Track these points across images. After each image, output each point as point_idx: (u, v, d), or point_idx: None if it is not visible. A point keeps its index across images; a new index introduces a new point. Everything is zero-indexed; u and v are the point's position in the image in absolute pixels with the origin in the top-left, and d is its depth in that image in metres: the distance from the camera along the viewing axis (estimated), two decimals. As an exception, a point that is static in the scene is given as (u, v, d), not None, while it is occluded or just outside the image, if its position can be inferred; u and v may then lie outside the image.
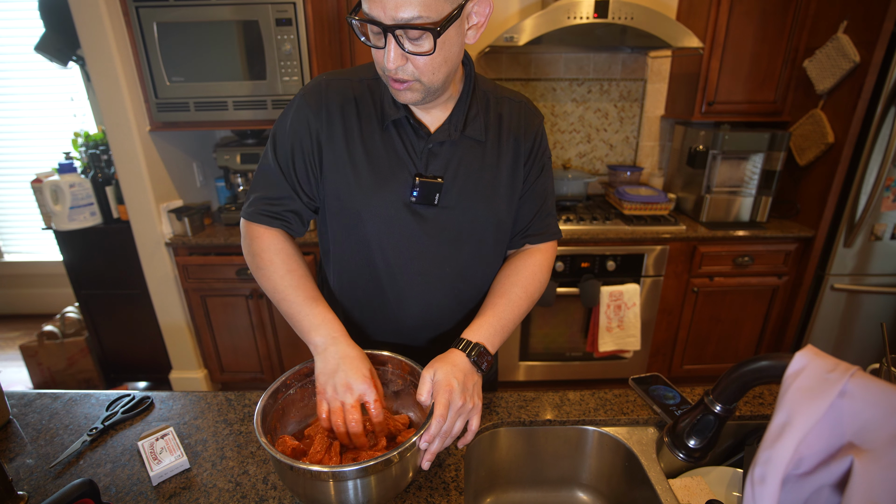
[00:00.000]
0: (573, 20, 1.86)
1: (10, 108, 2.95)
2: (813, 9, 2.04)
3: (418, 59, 0.68)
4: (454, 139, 0.83)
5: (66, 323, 2.44)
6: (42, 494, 0.72)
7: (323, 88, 0.83)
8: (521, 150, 0.88)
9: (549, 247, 0.96)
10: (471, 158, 0.85)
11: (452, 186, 0.84)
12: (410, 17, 0.63)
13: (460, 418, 0.71)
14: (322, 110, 0.82)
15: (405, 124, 0.82)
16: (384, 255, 0.86)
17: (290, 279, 0.81)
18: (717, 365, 2.39)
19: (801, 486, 0.48)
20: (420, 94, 0.74)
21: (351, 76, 0.85)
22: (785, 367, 0.48)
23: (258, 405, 0.70)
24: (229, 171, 2.25)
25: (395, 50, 0.67)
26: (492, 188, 0.87)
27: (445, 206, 0.84)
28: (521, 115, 0.89)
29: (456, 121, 0.83)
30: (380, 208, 0.83)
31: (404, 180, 0.82)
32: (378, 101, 0.83)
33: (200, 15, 1.78)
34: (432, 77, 0.72)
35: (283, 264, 0.82)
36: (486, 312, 0.83)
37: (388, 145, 0.82)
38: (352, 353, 0.73)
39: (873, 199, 1.94)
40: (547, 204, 0.95)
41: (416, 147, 0.83)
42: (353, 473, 0.60)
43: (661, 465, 0.82)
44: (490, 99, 0.87)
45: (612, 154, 2.66)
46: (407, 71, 0.70)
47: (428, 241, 0.85)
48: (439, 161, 0.83)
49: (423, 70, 0.70)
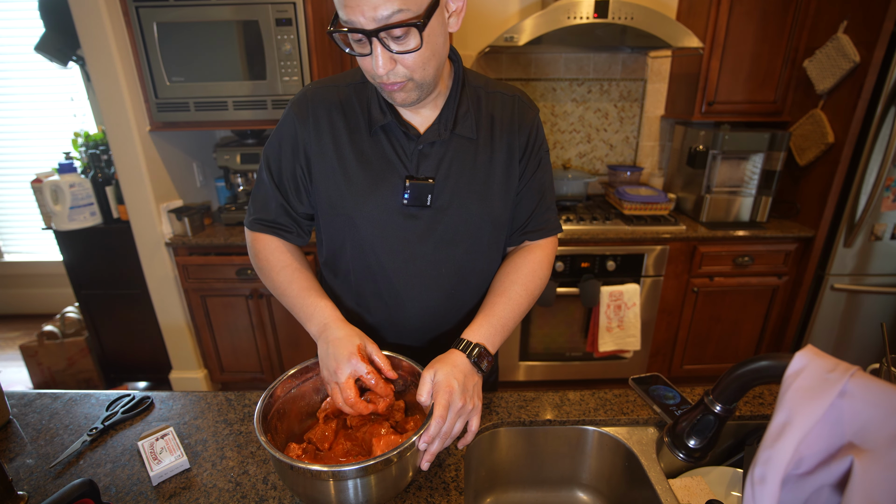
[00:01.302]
0: (573, 20, 1.86)
1: (10, 108, 2.96)
2: (813, 9, 2.04)
3: (406, 57, 0.68)
4: (444, 138, 0.82)
5: (66, 323, 2.44)
6: (42, 494, 0.72)
7: (309, 98, 0.84)
8: (515, 145, 0.87)
9: (549, 242, 0.95)
10: (463, 157, 0.84)
11: (445, 186, 0.83)
12: (391, 14, 0.62)
13: (460, 419, 0.71)
14: (308, 119, 0.83)
15: (394, 127, 0.82)
16: (379, 258, 0.85)
17: (286, 274, 0.85)
18: (717, 365, 2.39)
19: (801, 486, 0.48)
20: (415, 92, 0.74)
21: (338, 82, 0.85)
22: (785, 367, 0.48)
23: (258, 405, 0.70)
24: (229, 171, 2.25)
25: (382, 54, 0.66)
26: (485, 186, 0.85)
27: (438, 206, 0.84)
28: (514, 110, 0.87)
29: (445, 119, 0.82)
30: (372, 213, 0.83)
31: (395, 183, 0.82)
32: (365, 105, 0.83)
33: (200, 15, 1.78)
34: (423, 73, 0.71)
35: (279, 261, 0.87)
36: (485, 311, 0.83)
37: (377, 149, 0.82)
38: (338, 335, 0.75)
39: (873, 199, 1.94)
40: (546, 199, 0.93)
41: (405, 149, 0.82)
42: (352, 473, 0.60)
43: (661, 465, 0.82)
44: (481, 94, 0.86)
45: (612, 154, 2.66)
46: (398, 73, 0.69)
47: (423, 243, 0.85)
48: (430, 161, 0.82)
49: (413, 68, 0.69)
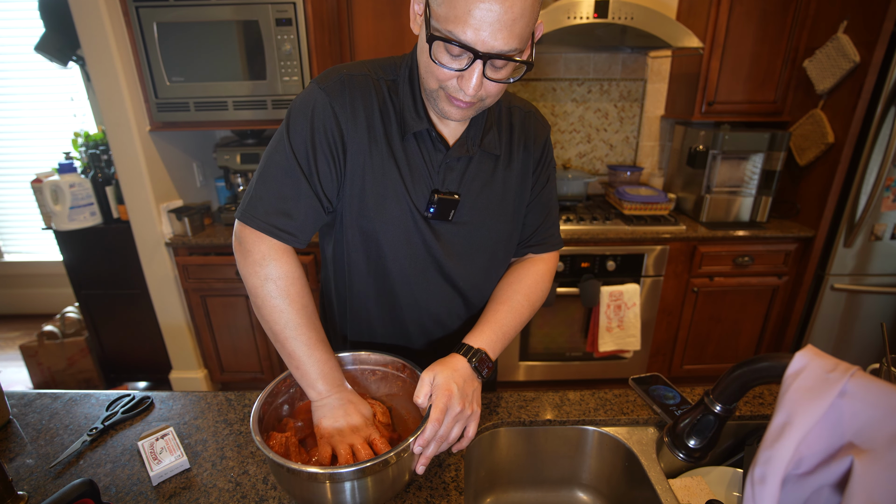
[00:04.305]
0: (573, 20, 1.86)
1: (10, 108, 2.95)
2: (813, 9, 2.04)
3: (493, 85, 0.68)
4: (472, 154, 0.82)
5: (66, 323, 2.44)
6: (42, 494, 0.72)
7: (346, 81, 0.76)
8: (530, 161, 0.88)
9: (551, 257, 0.96)
10: (484, 172, 0.84)
11: (465, 202, 0.83)
12: (509, 49, 0.62)
13: (458, 424, 0.70)
14: (346, 104, 0.75)
15: (426, 136, 0.79)
16: (398, 264, 0.84)
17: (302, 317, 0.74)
18: (717, 365, 2.39)
19: (801, 486, 0.48)
20: (476, 111, 0.73)
21: (370, 73, 0.78)
22: (785, 367, 0.48)
23: (254, 407, 0.69)
24: (229, 171, 2.25)
25: (479, 77, 0.65)
26: (503, 202, 0.86)
27: (459, 221, 0.84)
28: (530, 126, 0.88)
29: (474, 135, 0.82)
30: (396, 219, 0.80)
31: (422, 194, 0.80)
32: (398, 107, 0.78)
33: (200, 15, 1.78)
34: (495, 99, 0.71)
35: (299, 298, 0.74)
36: (488, 318, 0.83)
37: (408, 156, 0.79)
38: (354, 399, 0.75)
39: (873, 199, 1.94)
40: (551, 215, 0.94)
41: (433, 160, 0.81)
42: (349, 475, 0.59)
43: (661, 465, 0.82)
44: (502, 109, 0.86)
45: (612, 154, 2.66)
46: (478, 94, 0.68)
47: (441, 255, 0.84)
48: (455, 175, 0.82)
49: (492, 94, 0.69)
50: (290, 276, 0.74)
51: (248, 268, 0.75)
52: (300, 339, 0.73)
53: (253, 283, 0.74)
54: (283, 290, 0.73)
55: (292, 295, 0.74)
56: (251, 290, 0.75)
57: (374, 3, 2.03)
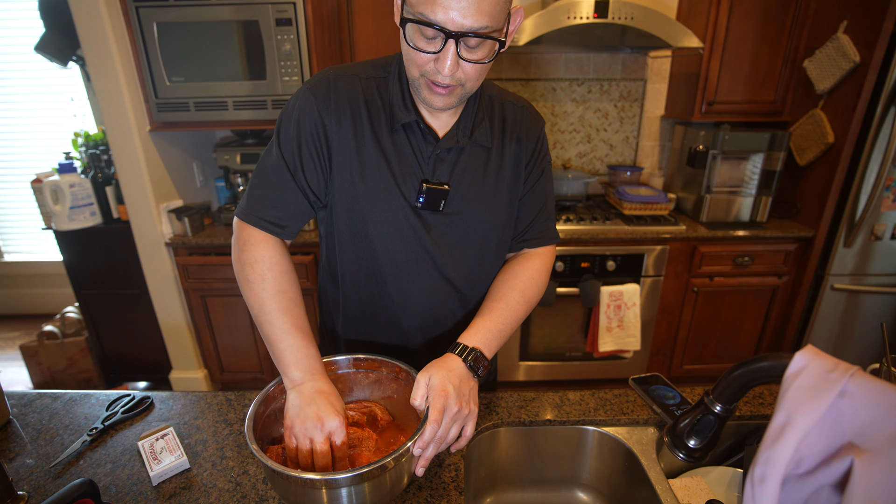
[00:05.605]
0: (573, 20, 1.86)
1: (10, 108, 2.95)
2: (813, 9, 2.04)
3: (470, 66, 0.68)
4: (462, 145, 0.82)
5: (66, 323, 2.44)
6: (42, 494, 0.72)
7: (332, 82, 0.79)
8: (522, 154, 0.88)
9: (547, 251, 0.96)
10: (476, 164, 0.85)
11: (457, 192, 0.84)
12: (480, 27, 0.63)
13: (455, 424, 0.70)
14: (331, 105, 0.78)
15: (415, 128, 0.81)
16: (389, 257, 0.85)
17: (279, 301, 0.75)
18: (717, 365, 2.39)
19: (801, 486, 0.48)
20: (458, 98, 0.74)
21: (358, 72, 0.81)
22: (785, 367, 0.48)
23: (248, 412, 0.68)
24: (229, 171, 2.25)
25: (452, 57, 0.66)
26: (495, 193, 0.86)
27: (449, 212, 0.84)
28: (523, 120, 0.89)
29: (464, 126, 0.82)
30: (386, 212, 0.81)
31: (412, 185, 0.82)
32: (387, 101, 0.81)
33: (200, 15, 1.78)
34: (475, 83, 0.72)
35: (275, 282, 0.76)
36: (483, 316, 0.82)
37: (397, 148, 0.81)
38: (328, 390, 0.70)
39: (873, 199, 1.94)
40: (546, 208, 0.94)
41: (423, 152, 0.82)
42: (346, 481, 0.58)
43: (661, 465, 0.82)
44: (494, 103, 0.87)
45: (612, 154, 2.66)
46: (455, 77, 0.69)
47: (432, 246, 0.85)
48: (445, 166, 0.83)
49: (470, 76, 0.70)
50: (269, 260, 0.78)
51: (234, 254, 0.80)
52: (274, 323, 0.74)
53: (235, 269, 0.80)
54: (259, 273, 0.77)
55: (268, 279, 0.76)
56: (236, 275, 0.79)
57: (374, 3, 2.03)
